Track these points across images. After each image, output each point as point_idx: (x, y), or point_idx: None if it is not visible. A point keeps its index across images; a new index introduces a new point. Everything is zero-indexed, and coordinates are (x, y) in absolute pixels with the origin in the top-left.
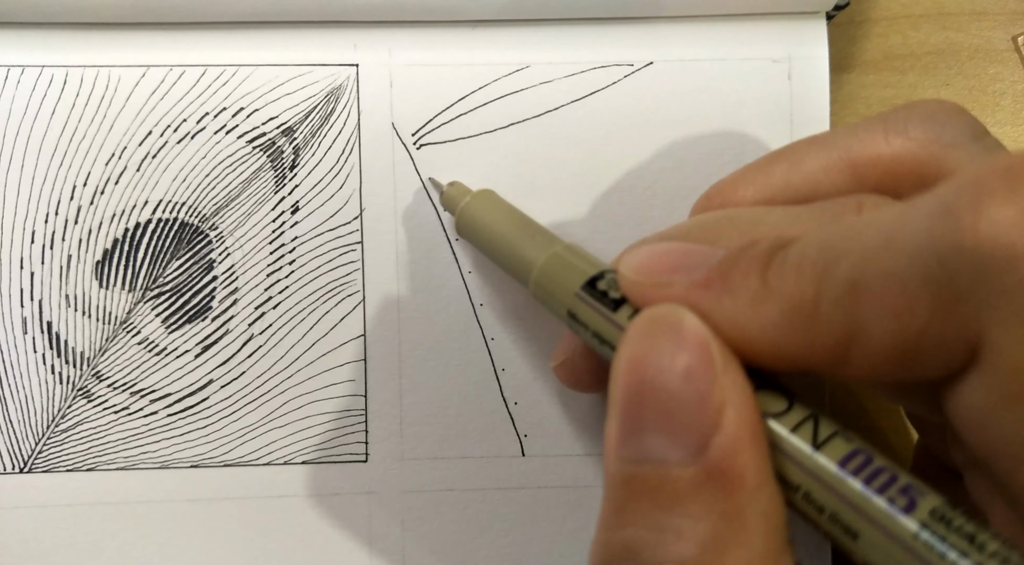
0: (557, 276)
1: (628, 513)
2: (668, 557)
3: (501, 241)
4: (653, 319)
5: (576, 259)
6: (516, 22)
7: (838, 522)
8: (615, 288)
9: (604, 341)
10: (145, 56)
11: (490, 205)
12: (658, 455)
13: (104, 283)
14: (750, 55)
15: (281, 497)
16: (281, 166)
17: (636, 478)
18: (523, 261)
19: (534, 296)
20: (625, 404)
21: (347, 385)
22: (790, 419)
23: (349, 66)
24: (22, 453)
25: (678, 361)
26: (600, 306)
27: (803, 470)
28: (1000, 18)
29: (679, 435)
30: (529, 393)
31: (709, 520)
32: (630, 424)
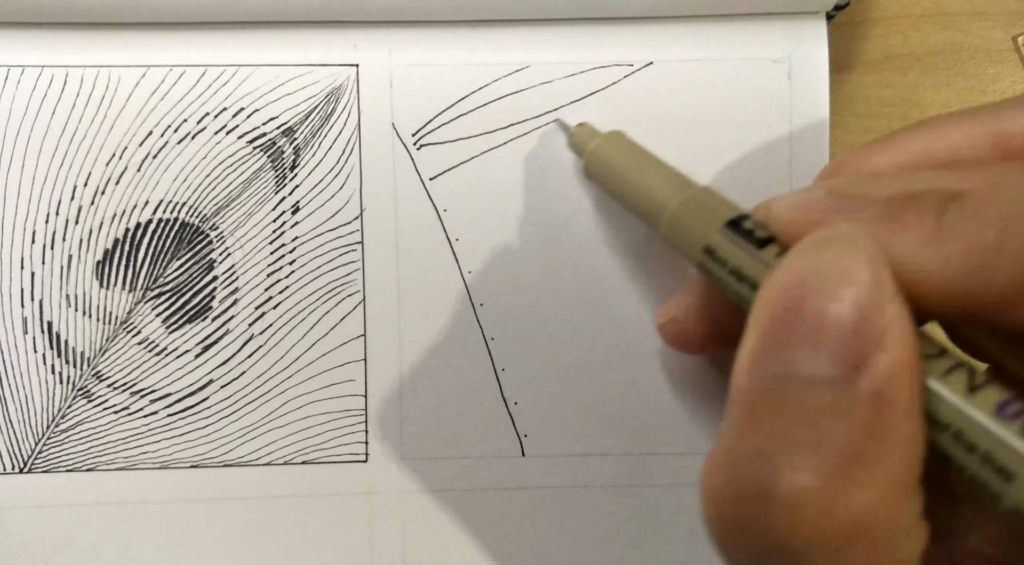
0: (695, 215)
1: (763, 423)
2: (804, 465)
3: (633, 182)
4: (823, 239)
5: (716, 201)
6: (516, 22)
7: (991, 462)
8: (761, 229)
9: (743, 278)
10: (145, 56)
11: (621, 147)
12: (807, 370)
13: (104, 283)
14: (750, 55)
15: (281, 497)
16: (281, 166)
17: (776, 391)
18: (656, 201)
19: (665, 235)
20: (775, 318)
21: (347, 385)
22: (944, 363)
23: (349, 66)
24: (22, 453)
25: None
26: (745, 243)
27: (956, 409)
28: (1000, 18)
29: (836, 350)
30: (529, 393)
31: (852, 437)
32: (778, 336)
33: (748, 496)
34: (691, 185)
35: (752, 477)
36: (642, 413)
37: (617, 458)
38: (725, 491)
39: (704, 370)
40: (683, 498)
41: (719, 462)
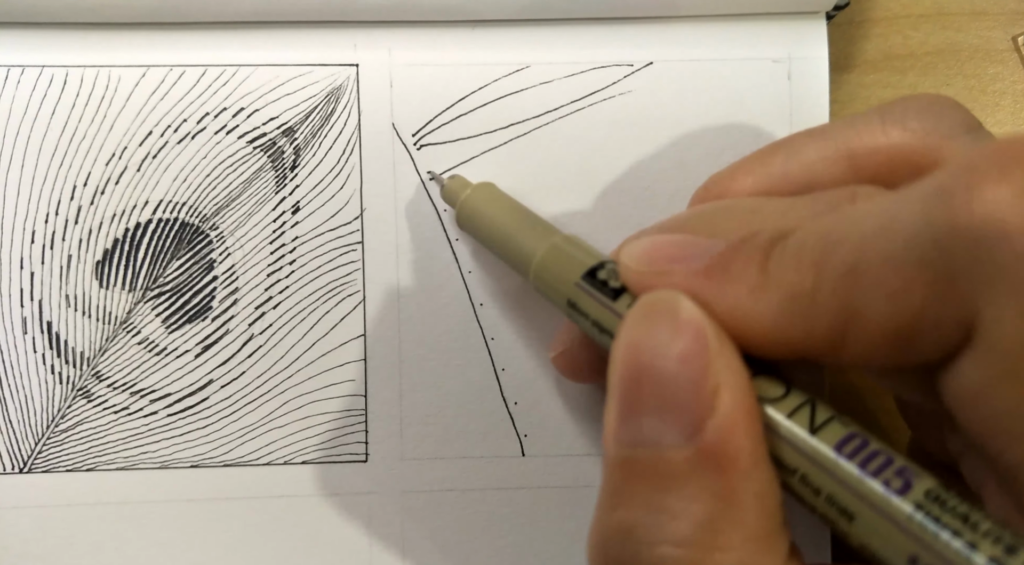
0: (557, 266)
1: (624, 495)
2: (663, 537)
3: (501, 233)
4: (650, 304)
5: (575, 250)
6: (516, 22)
7: (834, 504)
8: (615, 278)
9: (604, 330)
10: (145, 56)
11: (490, 198)
12: (654, 438)
13: (104, 283)
14: (750, 55)
15: (281, 497)
16: (282, 166)
17: (632, 461)
18: (523, 253)
19: (535, 287)
20: (622, 388)
21: (347, 385)
22: (787, 404)
23: (349, 66)
24: (22, 453)
25: (674, 344)
26: (600, 295)
27: (800, 453)
28: (1000, 18)
29: (674, 418)
30: (529, 393)
31: (703, 501)
32: (627, 408)
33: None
34: (554, 234)
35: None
36: None
37: None
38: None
39: None
40: None
41: (593, 538)
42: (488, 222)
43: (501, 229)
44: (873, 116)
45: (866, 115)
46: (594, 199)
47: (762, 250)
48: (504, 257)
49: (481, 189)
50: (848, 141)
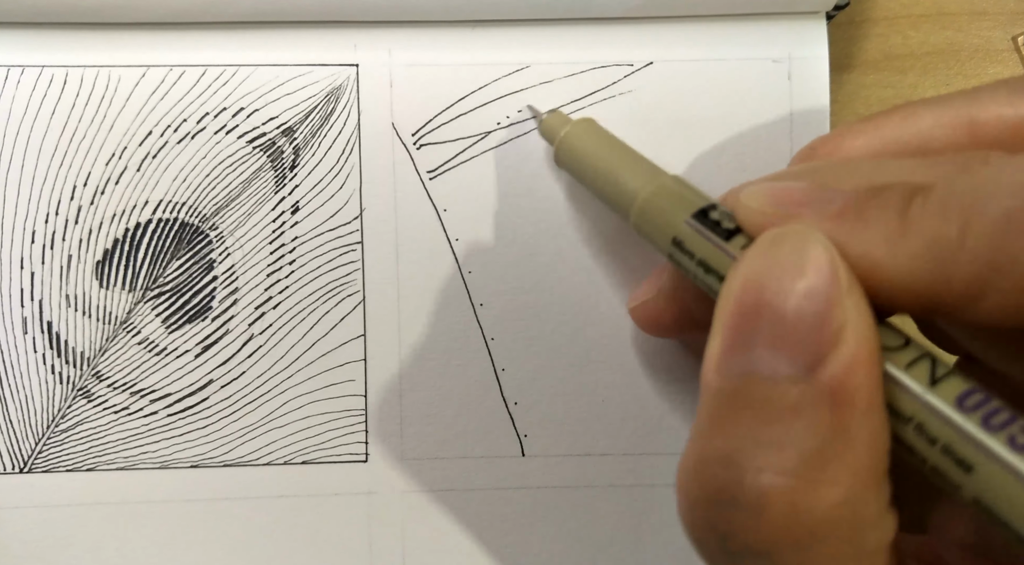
0: (664, 205)
1: (728, 423)
2: (768, 465)
3: (603, 170)
4: (779, 236)
5: (685, 190)
6: (516, 22)
7: (951, 454)
8: (728, 220)
9: (710, 270)
10: (145, 56)
11: (592, 134)
12: (767, 370)
13: (104, 283)
14: (750, 55)
15: (281, 497)
16: (281, 166)
17: (739, 391)
18: (626, 190)
19: (635, 225)
20: (736, 318)
21: (347, 385)
22: (906, 355)
23: (349, 66)
24: (22, 453)
25: (802, 278)
26: (712, 235)
27: (918, 402)
28: (1000, 18)
29: (794, 350)
30: (529, 393)
31: (815, 434)
32: (739, 338)
33: (716, 499)
34: (661, 174)
35: (719, 479)
36: (642, 413)
37: (617, 458)
38: (695, 493)
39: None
40: None
41: (689, 464)
42: (589, 159)
43: (603, 166)
44: (999, 87)
45: (988, 87)
46: (593, 199)
47: (902, 197)
48: (604, 195)
49: (582, 126)
50: (970, 110)
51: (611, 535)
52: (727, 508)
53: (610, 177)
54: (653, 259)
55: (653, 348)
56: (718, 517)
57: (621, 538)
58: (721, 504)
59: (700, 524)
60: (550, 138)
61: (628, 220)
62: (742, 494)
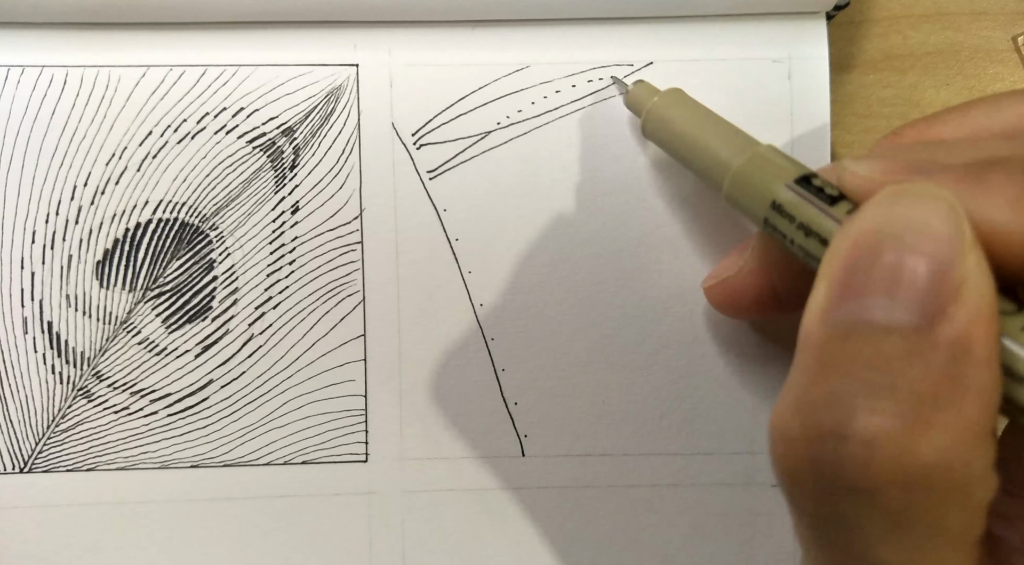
0: (762, 171)
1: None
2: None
3: (694, 141)
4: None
5: (781, 159)
6: (516, 22)
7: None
8: (831, 187)
9: (811, 233)
10: (145, 56)
11: (682, 103)
12: (882, 318)
13: (104, 283)
14: (750, 55)
15: (281, 497)
16: (281, 166)
17: (850, 339)
18: (720, 158)
19: (727, 194)
20: (850, 267)
21: (347, 385)
22: (1020, 319)
23: (349, 66)
24: (22, 453)
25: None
26: (815, 199)
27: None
28: (1000, 18)
29: (912, 301)
30: (529, 393)
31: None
32: (852, 287)
33: (823, 435)
34: (756, 143)
35: (827, 417)
36: (642, 413)
37: (617, 458)
38: (798, 431)
39: (705, 369)
40: (683, 498)
41: (791, 407)
42: (680, 129)
43: (694, 137)
44: None
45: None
46: (593, 199)
47: None
48: (696, 164)
49: (670, 95)
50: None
51: (611, 535)
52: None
53: (702, 146)
54: (654, 261)
55: (654, 348)
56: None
57: (621, 538)
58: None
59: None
60: (637, 110)
61: (720, 188)
62: (852, 431)
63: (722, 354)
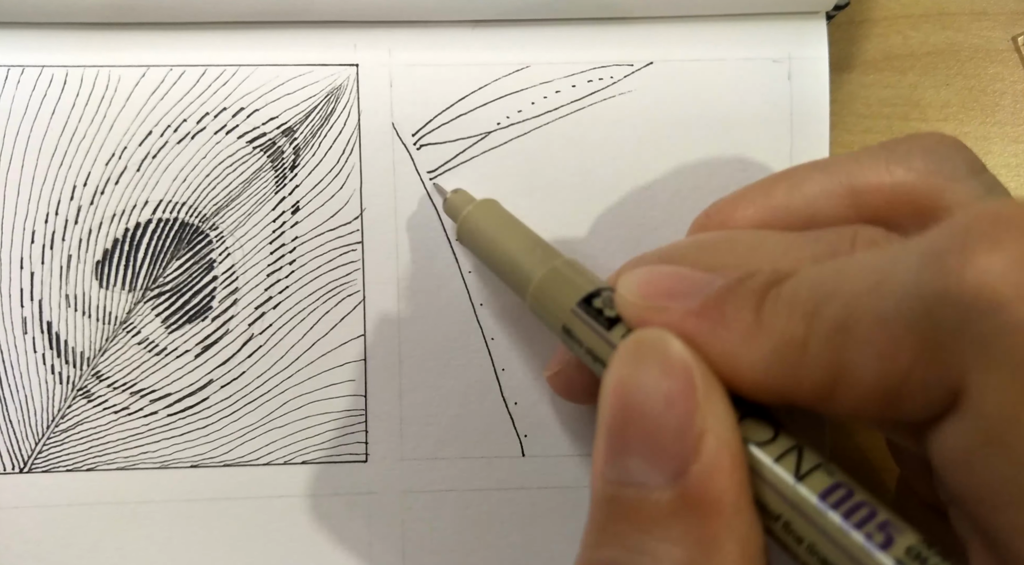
0: (554, 291)
1: (608, 533)
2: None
3: (501, 253)
4: (640, 342)
5: (574, 275)
6: (516, 22)
7: (816, 554)
8: (611, 306)
9: (597, 359)
10: (145, 56)
11: (492, 215)
12: (639, 478)
13: (104, 283)
14: (750, 55)
15: (281, 497)
16: (281, 166)
17: (617, 499)
18: (522, 274)
19: (531, 309)
20: (610, 426)
21: (347, 385)
22: (774, 449)
23: (349, 66)
24: (22, 453)
25: (661, 386)
26: (595, 324)
27: (784, 500)
28: (1000, 18)
29: (659, 459)
30: (529, 393)
31: (685, 545)
32: (614, 446)
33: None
34: (555, 257)
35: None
36: None
37: None
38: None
39: None
40: None
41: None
42: (488, 241)
43: (501, 249)
44: (879, 152)
45: (871, 150)
46: (593, 199)
47: (757, 294)
48: (503, 277)
49: (483, 206)
50: (851, 177)
51: None
52: None
53: (507, 260)
54: None
55: None
56: None
57: None
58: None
59: None
60: (453, 216)
61: (525, 303)
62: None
63: None
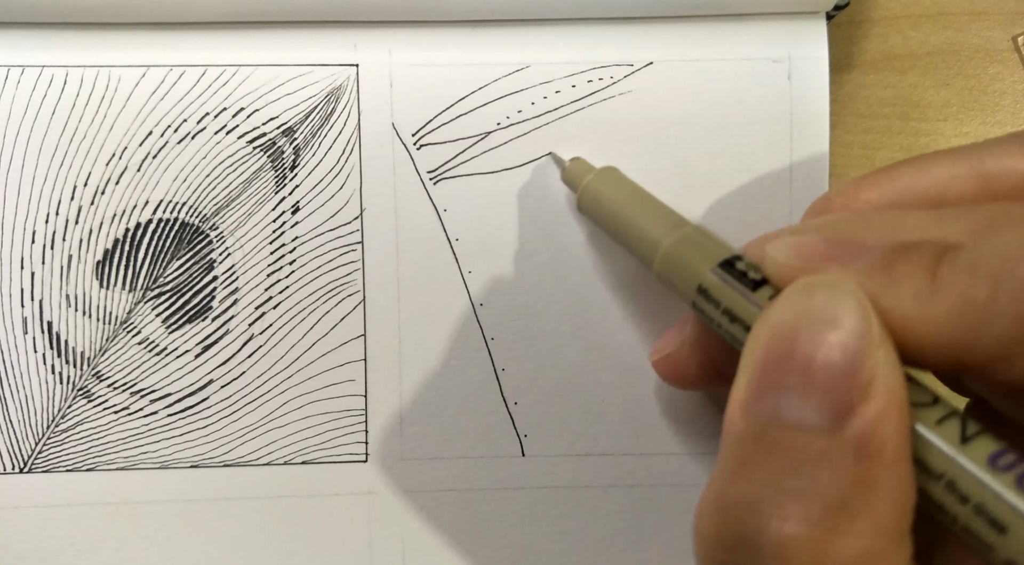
0: (688, 254)
1: (751, 469)
2: (790, 514)
3: (626, 220)
4: (812, 285)
5: (709, 240)
6: (516, 22)
7: (984, 514)
8: (755, 271)
9: (736, 319)
10: (145, 56)
11: (614, 183)
12: (794, 417)
13: (104, 283)
14: (750, 55)
15: (281, 497)
16: (281, 166)
17: (764, 437)
18: (649, 240)
19: (658, 274)
20: (764, 363)
21: (347, 385)
22: (936, 412)
23: (349, 66)
24: (22, 453)
25: (835, 327)
26: (738, 284)
27: (949, 459)
28: (1000, 18)
29: (822, 400)
30: (529, 393)
31: (839, 484)
32: (766, 384)
33: (736, 543)
34: (685, 223)
35: (740, 524)
36: (642, 413)
37: (617, 458)
38: (715, 535)
39: None
40: (683, 498)
41: (710, 506)
42: (611, 209)
43: (626, 216)
44: (1012, 140)
45: (1002, 139)
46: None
47: (932, 256)
48: (627, 243)
49: (604, 174)
50: (982, 162)
51: (611, 535)
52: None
53: (633, 226)
54: None
55: None
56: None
57: (621, 538)
58: (741, 548)
59: None
60: (573, 186)
61: (651, 269)
62: (764, 541)
63: None
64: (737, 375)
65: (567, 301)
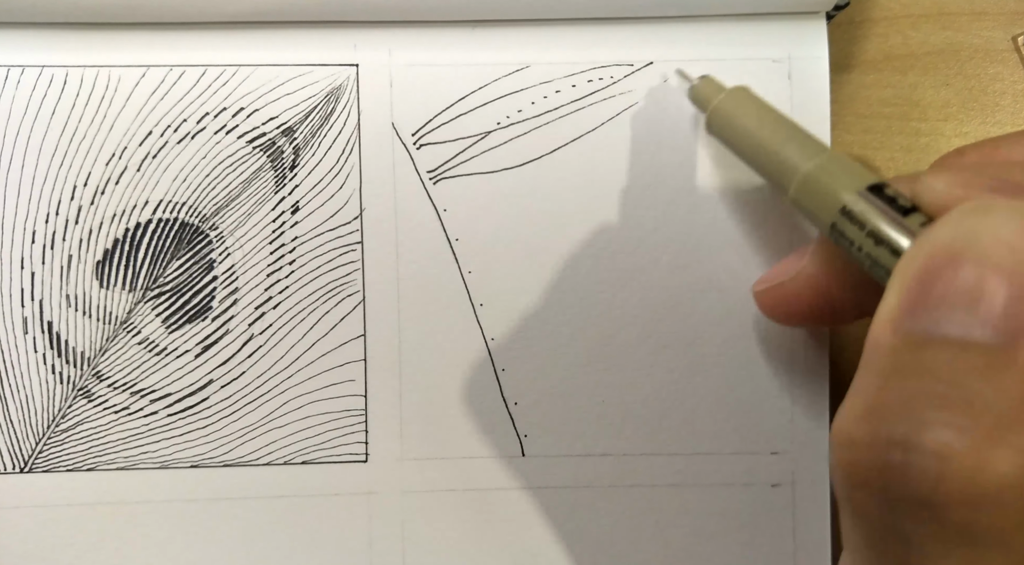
0: (832, 178)
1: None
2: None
3: (760, 142)
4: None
5: (854, 166)
6: (516, 22)
7: None
8: (904, 197)
9: (882, 241)
10: (145, 56)
11: (747, 104)
12: (958, 332)
13: (104, 283)
14: (750, 55)
15: (281, 497)
16: (281, 166)
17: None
18: (786, 163)
19: (794, 198)
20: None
21: (347, 385)
22: None
23: (349, 66)
24: (22, 453)
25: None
26: (888, 208)
27: None
28: (1000, 18)
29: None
30: (529, 393)
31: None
32: (927, 298)
33: (893, 443)
34: (826, 148)
35: (898, 426)
36: (642, 413)
37: (617, 458)
38: (866, 438)
39: (706, 369)
40: (683, 498)
41: (859, 412)
42: (744, 130)
43: (760, 138)
44: None
45: None
46: (593, 199)
47: None
48: (759, 167)
49: (736, 94)
50: None
51: (611, 535)
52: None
53: (769, 148)
54: (654, 261)
55: (653, 348)
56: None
57: (621, 538)
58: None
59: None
60: (702, 105)
61: (786, 191)
62: (925, 444)
63: (722, 354)
64: (886, 293)
65: (567, 301)
